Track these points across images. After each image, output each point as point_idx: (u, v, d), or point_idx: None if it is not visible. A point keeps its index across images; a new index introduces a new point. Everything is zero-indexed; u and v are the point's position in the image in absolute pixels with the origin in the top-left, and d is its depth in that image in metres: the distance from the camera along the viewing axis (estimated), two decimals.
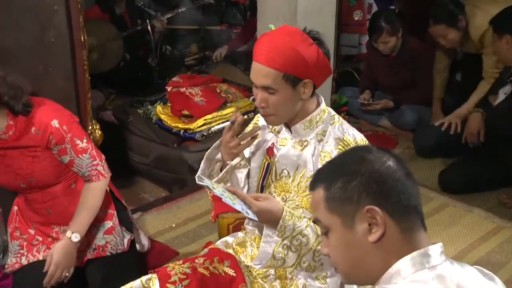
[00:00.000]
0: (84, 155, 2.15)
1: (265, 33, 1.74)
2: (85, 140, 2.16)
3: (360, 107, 4.28)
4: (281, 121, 1.80)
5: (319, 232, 1.64)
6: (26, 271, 2.25)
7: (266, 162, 1.87)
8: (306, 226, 1.65)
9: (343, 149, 1.72)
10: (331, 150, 1.75)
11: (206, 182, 1.69)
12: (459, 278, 1.10)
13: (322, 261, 1.67)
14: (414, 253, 1.10)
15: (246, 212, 1.57)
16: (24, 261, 2.26)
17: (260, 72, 1.69)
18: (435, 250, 1.11)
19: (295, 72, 1.67)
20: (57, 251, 2.14)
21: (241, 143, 1.79)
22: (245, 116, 1.93)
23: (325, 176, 1.20)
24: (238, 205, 1.58)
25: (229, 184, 1.92)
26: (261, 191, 1.90)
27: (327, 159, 1.73)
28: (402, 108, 4.16)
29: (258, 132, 1.84)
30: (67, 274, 2.17)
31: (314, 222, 1.23)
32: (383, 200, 1.11)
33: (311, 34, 1.72)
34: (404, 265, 1.10)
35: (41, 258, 2.26)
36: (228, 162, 1.82)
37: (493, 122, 3.32)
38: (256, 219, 1.60)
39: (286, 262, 1.66)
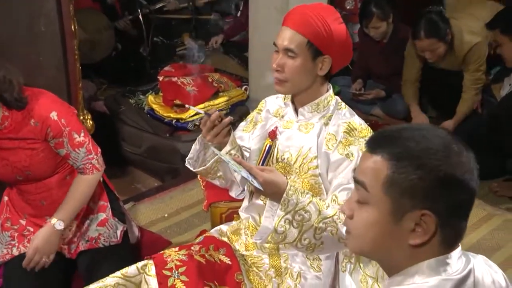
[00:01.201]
0: (80, 149, 2.14)
1: (299, 5, 1.80)
2: (82, 134, 2.15)
3: (351, 97, 4.29)
4: (292, 90, 1.82)
5: (321, 209, 1.65)
6: (17, 261, 2.22)
7: (268, 145, 1.89)
8: (309, 203, 1.65)
9: (349, 132, 1.76)
10: (336, 132, 1.78)
11: (215, 149, 1.71)
12: (474, 276, 1.08)
13: (323, 240, 1.67)
14: (432, 260, 1.04)
15: (252, 181, 1.58)
16: (15, 252, 2.25)
17: (287, 35, 1.74)
18: (454, 256, 1.06)
19: (319, 44, 1.72)
20: (39, 237, 2.13)
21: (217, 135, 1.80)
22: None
23: (396, 148, 1.04)
24: (244, 173, 1.58)
25: (220, 173, 1.94)
26: None
27: (332, 141, 1.77)
28: (393, 97, 4.17)
29: (229, 122, 1.82)
30: (46, 260, 2.16)
31: (357, 182, 1.09)
32: (445, 211, 1.02)
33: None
34: (420, 269, 1.05)
35: None
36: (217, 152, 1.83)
37: (496, 114, 3.32)
38: (262, 188, 1.60)
39: (287, 237, 1.65)
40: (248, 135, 1.98)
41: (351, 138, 1.75)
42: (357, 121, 1.80)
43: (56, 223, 2.14)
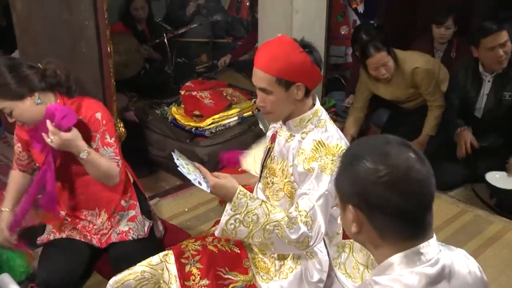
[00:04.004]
0: (108, 148, 2.14)
1: (264, 43, 1.75)
2: (113, 139, 2.15)
3: (344, 109, 4.28)
4: (278, 118, 1.82)
5: (270, 214, 1.63)
6: (52, 244, 2.29)
7: (268, 147, 1.90)
8: (258, 207, 1.62)
9: (316, 149, 1.71)
10: (307, 148, 1.74)
11: (175, 153, 1.69)
12: (451, 267, 1.06)
13: (272, 240, 1.64)
14: (408, 251, 1.04)
15: (199, 183, 1.59)
16: (51, 237, 2.30)
17: (258, 76, 1.71)
18: (427, 247, 1.04)
19: (287, 76, 1.68)
20: (72, 136, 1.97)
21: None
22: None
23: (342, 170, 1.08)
24: (192, 176, 1.60)
25: None
26: (262, 171, 1.93)
27: (302, 156, 1.74)
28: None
29: None
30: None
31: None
32: (369, 210, 1.03)
33: (302, 42, 1.73)
34: (396, 260, 1.04)
35: (64, 236, 2.28)
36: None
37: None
38: (208, 191, 1.61)
39: (238, 234, 1.64)
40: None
41: (317, 155, 1.71)
42: (328, 140, 1.74)
43: (84, 153, 2.00)
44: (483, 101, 3.22)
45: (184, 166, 1.62)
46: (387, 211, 1.02)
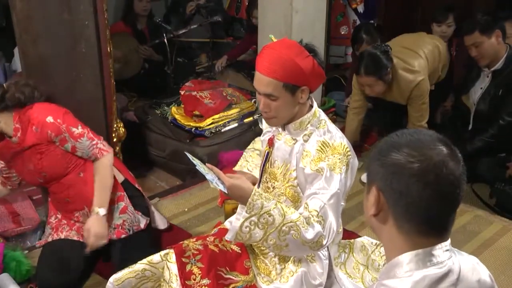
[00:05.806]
0: (82, 138, 2.14)
1: (267, 45, 1.71)
2: (80, 127, 2.14)
3: (344, 109, 4.27)
4: (281, 122, 1.80)
5: (285, 215, 1.58)
6: (51, 245, 2.31)
7: (266, 151, 1.88)
8: (274, 208, 1.56)
9: (321, 150, 1.71)
10: (311, 149, 1.73)
11: (189, 155, 1.68)
12: (459, 273, 1.03)
13: (287, 242, 1.58)
14: (420, 251, 1.00)
15: (216, 184, 1.56)
16: (49, 239, 2.32)
17: (263, 81, 1.67)
18: (440, 249, 1.02)
19: (294, 81, 1.66)
20: (94, 225, 2.13)
21: None
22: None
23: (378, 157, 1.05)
24: (209, 176, 1.57)
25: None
26: (261, 176, 1.92)
27: (307, 158, 1.73)
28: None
29: None
30: (104, 241, 2.17)
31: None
32: (391, 194, 1.01)
33: (307, 46, 1.71)
34: (405, 259, 1.02)
35: (62, 237, 2.30)
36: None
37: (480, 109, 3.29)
38: (226, 191, 1.56)
39: (252, 237, 1.58)
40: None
41: (323, 155, 1.70)
42: (332, 139, 1.73)
43: (100, 210, 2.14)
44: (476, 95, 3.31)
45: (200, 165, 1.62)
46: (409, 200, 0.99)
